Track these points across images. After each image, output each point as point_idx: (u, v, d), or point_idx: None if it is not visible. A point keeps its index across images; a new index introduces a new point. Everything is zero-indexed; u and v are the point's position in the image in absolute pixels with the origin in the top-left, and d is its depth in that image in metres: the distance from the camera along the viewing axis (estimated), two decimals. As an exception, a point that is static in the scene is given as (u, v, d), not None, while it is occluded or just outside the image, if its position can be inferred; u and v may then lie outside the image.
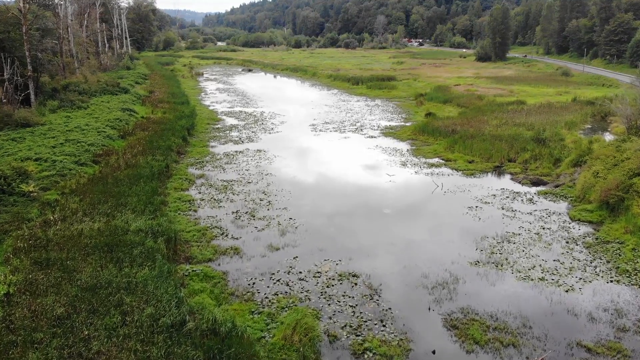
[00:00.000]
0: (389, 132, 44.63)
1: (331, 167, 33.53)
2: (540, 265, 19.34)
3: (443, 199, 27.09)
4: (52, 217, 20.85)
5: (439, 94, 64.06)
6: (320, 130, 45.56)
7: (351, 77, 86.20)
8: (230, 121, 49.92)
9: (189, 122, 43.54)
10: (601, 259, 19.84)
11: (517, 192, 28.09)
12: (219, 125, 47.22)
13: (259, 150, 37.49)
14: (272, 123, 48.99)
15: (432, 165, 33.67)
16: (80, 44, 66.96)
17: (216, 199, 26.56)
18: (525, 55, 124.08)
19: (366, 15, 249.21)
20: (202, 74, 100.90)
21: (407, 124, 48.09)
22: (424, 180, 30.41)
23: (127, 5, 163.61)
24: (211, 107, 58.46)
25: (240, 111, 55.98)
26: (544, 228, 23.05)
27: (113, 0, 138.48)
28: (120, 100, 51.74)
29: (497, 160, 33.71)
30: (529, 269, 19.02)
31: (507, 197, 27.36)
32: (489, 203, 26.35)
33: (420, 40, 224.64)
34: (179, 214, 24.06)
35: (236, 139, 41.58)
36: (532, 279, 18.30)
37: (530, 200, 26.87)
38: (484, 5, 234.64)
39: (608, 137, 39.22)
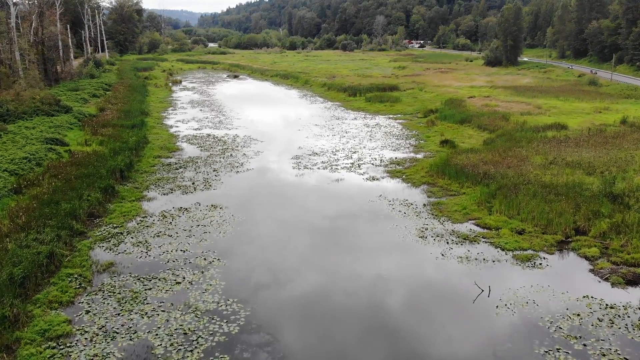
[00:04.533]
0: (395, 170, 33.65)
1: (312, 247, 22.49)
2: None
3: (495, 324, 16.10)
4: None
5: (453, 110, 53.04)
6: (305, 167, 34.59)
7: (348, 86, 75.17)
8: (190, 151, 38.86)
9: (127, 159, 32.40)
10: None
11: (611, 307, 17.07)
12: (172, 160, 36.14)
13: (213, 207, 26.43)
14: (243, 154, 37.99)
15: (464, 237, 22.64)
16: (23, 49, 55.95)
17: (108, 330, 15.53)
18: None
19: (365, 15, 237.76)
20: (180, 81, 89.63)
21: (419, 156, 37.14)
22: (456, 273, 19.40)
23: (109, 5, 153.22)
24: (173, 129, 47.34)
25: (208, 135, 44.89)
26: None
27: (92, 0, 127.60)
28: (53, 124, 40.64)
29: (559, 230, 22.68)
30: None
31: (600, 319, 16.35)
32: (574, 338, 15.35)
33: (422, 42, 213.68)
34: (18, 384, 13.07)
35: (188, 183, 30.53)
36: None
37: (642, 327, 15.91)
38: (489, 5, 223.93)
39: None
